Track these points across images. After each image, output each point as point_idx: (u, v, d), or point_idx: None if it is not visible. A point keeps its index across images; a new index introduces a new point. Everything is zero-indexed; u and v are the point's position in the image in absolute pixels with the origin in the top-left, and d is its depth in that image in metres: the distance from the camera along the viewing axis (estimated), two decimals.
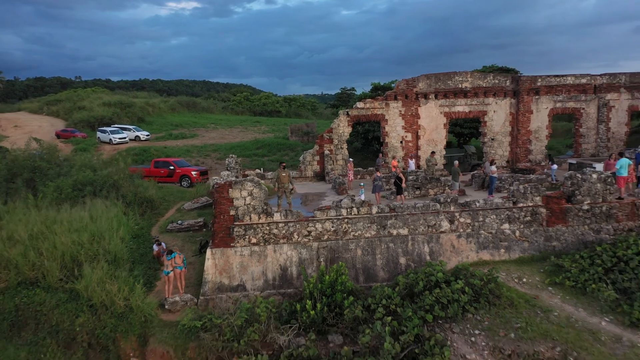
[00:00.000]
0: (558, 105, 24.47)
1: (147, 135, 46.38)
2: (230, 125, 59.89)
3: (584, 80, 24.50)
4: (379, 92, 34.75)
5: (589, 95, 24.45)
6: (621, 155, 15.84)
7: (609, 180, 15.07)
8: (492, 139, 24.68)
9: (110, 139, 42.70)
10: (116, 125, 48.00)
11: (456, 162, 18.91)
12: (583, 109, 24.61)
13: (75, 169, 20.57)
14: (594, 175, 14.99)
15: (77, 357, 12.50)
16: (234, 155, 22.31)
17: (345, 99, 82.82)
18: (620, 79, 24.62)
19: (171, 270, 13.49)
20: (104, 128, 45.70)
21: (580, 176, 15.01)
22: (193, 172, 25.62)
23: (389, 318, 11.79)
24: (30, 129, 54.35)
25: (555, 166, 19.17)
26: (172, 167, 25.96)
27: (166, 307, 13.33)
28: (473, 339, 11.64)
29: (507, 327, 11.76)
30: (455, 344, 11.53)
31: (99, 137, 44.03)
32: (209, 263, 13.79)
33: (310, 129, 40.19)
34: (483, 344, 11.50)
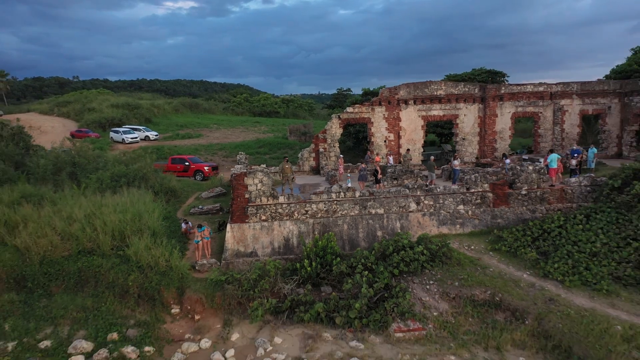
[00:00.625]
0: (519, 109, 28.56)
1: (156, 135, 50.03)
2: (232, 126, 63.59)
3: (541, 89, 28.60)
4: (369, 96, 38.74)
5: (545, 101, 28.54)
6: (552, 151, 19.92)
7: (542, 171, 19.15)
8: (463, 139, 28.73)
9: (123, 139, 46.21)
10: (127, 126, 51.62)
11: (432, 158, 23.02)
12: (541, 112, 28.70)
13: (110, 164, 24.47)
14: (530, 167, 19.06)
15: (129, 305, 16.42)
16: (242, 153, 26.26)
17: (341, 100, 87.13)
18: (573, 87, 28.72)
19: (200, 240, 17.46)
20: (117, 128, 49.28)
21: (519, 167, 19.09)
22: (205, 168, 29.56)
23: (366, 272, 15.82)
24: (44, 129, 57.82)
25: (508, 161, 23.19)
26: (187, 163, 29.88)
27: (196, 268, 17.28)
28: (428, 287, 15.68)
29: (453, 278, 15.80)
30: (414, 290, 15.56)
31: (112, 137, 47.55)
32: (228, 235, 17.76)
33: (307, 130, 44.08)
34: (435, 290, 15.54)
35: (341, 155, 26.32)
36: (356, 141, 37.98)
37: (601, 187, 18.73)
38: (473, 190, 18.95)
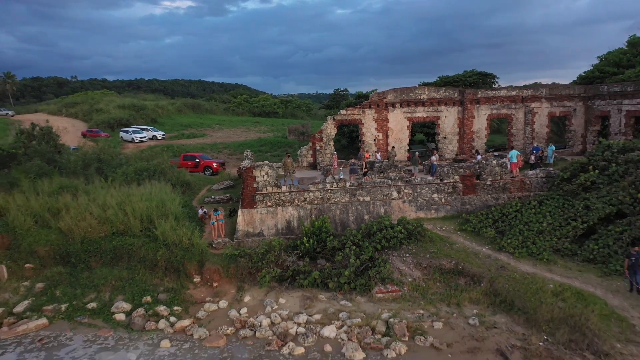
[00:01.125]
0: (494, 111, 32.03)
1: (162, 135, 53.22)
2: (233, 126, 66.76)
3: (513, 93, 32.09)
4: (362, 99, 42.15)
5: (517, 104, 32.02)
6: (512, 148, 23.41)
7: (504, 164, 22.62)
8: (445, 138, 32.20)
9: (132, 138, 49.36)
10: (136, 126, 54.84)
11: (417, 153, 26.52)
12: (513, 114, 32.18)
13: (132, 160, 27.80)
14: (494, 162, 22.53)
15: (158, 275, 19.77)
16: (248, 150, 29.64)
17: (338, 100, 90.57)
18: (542, 91, 32.22)
19: (216, 222, 20.84)
20: (126, 128, 52.48)
21: (484, 162, 22.55)
22: (214, 164, 32.92)
23: (354, 247, 19.25)
24: (55, 129, 60.94)
25: (479, 156, 26.62)
26: (197, 160, 33.23)
27: (213, 245, 20.66)
28: (404, 258, 19.12)
29: (425, 252, 19.26)
30: (393, 262, 18.99)
31: (121, 137, 50.72)
32: (240, 218, 21.15)
33: (305, 129, 47.46)
34: (410, 261, 18.99)
35: (335, 153, 29.75)
36: (350, 140, 41.37)
37: (554, 178, 22.21)
38: (446, 181, 22.41)
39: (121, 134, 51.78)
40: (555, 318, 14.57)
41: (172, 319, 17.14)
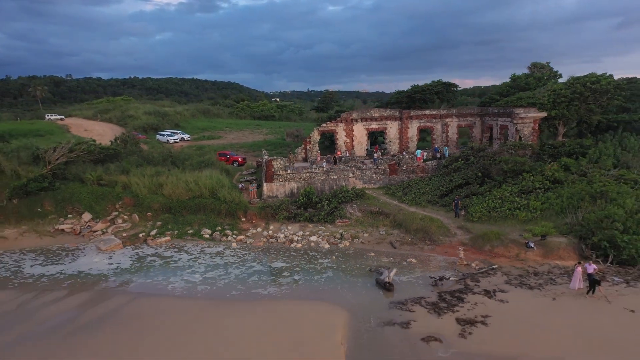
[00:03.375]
0: (422, 124, 49.37)
1: (188, 137, 69.54)
2: (240, 129, 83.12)
3: (434, 112, 49.46)
4: (339, 112, 59.26)
5: (437, 119, 49.39)
6: (418, 148, 40.83)
7: (413, 157, 40.01)
8: (390, 141, 49.50)
9: (168, 140, 65.55)
10: (168, 130, 71.12)
11: (371, 151, 43.75)
12: (434, 126, 49.58)
13: (192, 154, 44.57)
14: (407, 155, 39.88)
15: (222, 218, 36.61)
16: (265, 150, 46.64)
17: (327, 102, 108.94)
18: (453, 111, 49.63)
19: (252, 190, 37.87)
20: (162, 132, 68.71)
21: (401, 155, 39.91)
22: (239, 158, 49.81)
23: (327, 201, 36.48)
24: (98, 132, 76.31)
25: (405, 153, 43.87)
26: (228, 156, 50.05)
27: (250, 203, 37.63)
28: (353, 207, 36.40)
29: (364, 203, 36.54)
30: (347, 208, 36.27)
31: (158, 139, 66.89)
32: (264, 188, 38.21)
33: (299, 133, 64.31)
34: (356, 208, 36.28)
35: (318, 151, 46.72)
36: (330, 142, 58.59)
37: (441, 165, 39.62)
38: (380, 167, 39.72)
39: (158, 136, 67.93)
40: (418, 228, 31.91)
41: (234, 236, 34.10)
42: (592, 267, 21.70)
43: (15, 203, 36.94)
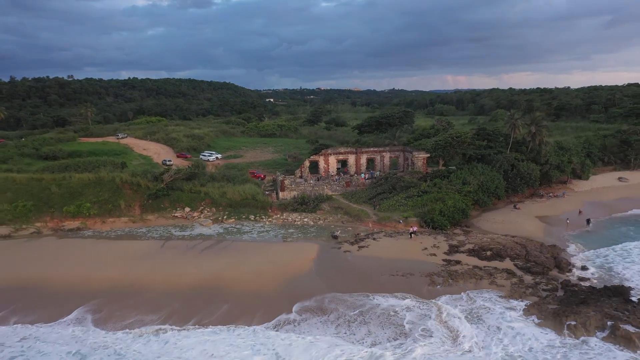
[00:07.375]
0: (369, 156, 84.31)
1: (220, 156, 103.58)
2: (253, 147, 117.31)
3: (376, 148, 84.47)
4: (322, 147, 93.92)
5: (378, 153, 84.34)
6: (361, 172, 75.98)
7: (356, 177, 75.23)
8: (350, 166, 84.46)
9: (208, 159, 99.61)
10: (207, 151, 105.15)
11: (341, 170, 78.92)
12: (376, 157, 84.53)
13: (237, 175, 79.02)
14: (356, 176, 75.08)
15: (257, 209, 71.22)
16: (279, 171, 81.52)
17: (318, 116, 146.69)
18: (386, 147, 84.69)
19: (273, 195, 72.68)
20: (204, 153, 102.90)
21: (352, 176, 75.11)
22: (262, 175, 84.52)
23: (312, 201, 71.64)
24: (154, 151, 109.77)
25: (363, 174, 78.43)
26: (255, 173, 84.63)
27: (272, 202, 72.38)
28: (325, 204, 71.53)
29: (331, 202, 71.61)
30: (322, 205, 71.39)
31: (201, 157, 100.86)
32: (280, 194, 73.17)
33: (296, 155, 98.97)
34: (326, 205, 71.49)
35: (309, 173, 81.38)
36: (315, 167, 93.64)
37: (373, 182, 74.86)
38: (341, 182, 74.90)
39: (201, 156, 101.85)
40: (355, 214, 67.02)
41: (266, 219, 68.75)
42: (414, 228, 57.08)
43: (150, 202, 71.13)
